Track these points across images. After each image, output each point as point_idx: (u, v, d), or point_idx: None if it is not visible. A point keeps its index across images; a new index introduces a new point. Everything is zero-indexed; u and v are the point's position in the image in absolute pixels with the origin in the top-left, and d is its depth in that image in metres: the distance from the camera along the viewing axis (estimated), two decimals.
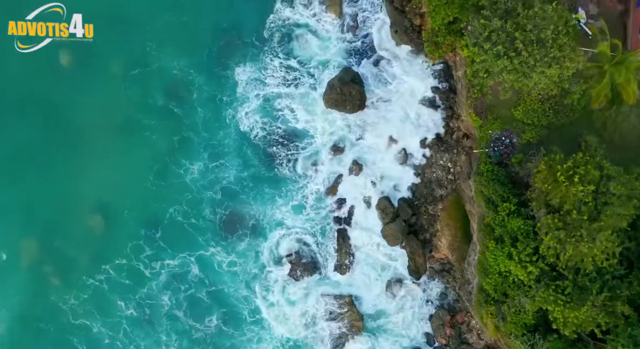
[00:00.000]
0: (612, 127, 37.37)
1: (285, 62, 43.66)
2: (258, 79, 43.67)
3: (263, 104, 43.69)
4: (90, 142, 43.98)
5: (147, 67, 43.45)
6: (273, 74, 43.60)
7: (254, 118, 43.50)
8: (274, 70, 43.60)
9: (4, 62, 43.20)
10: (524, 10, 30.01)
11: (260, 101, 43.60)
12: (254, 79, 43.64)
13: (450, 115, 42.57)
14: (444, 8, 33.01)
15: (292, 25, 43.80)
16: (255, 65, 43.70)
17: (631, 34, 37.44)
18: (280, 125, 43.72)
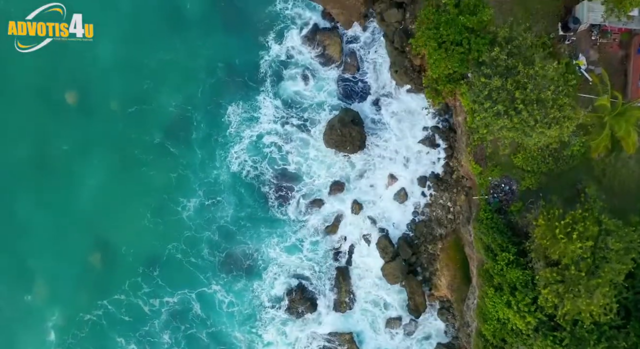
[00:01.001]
0: (611, 173, 38.02)
1: (281, 101, 44.28)
2: (252, 118, 44.37)
3: (257, 144, 44.38)
4: (89, 177, 44.56)
5: (145, 105, 44.12)
6: (267, 113, 44.34)
7: (248, 158, 44.19)
8: (268, 109, 44.34)
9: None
10: (524, 69, 30.56)
11: (254, 140, 44.34)
12: (248, 119, 44.34)
13: (450, 154, 43.14)
14: (444, 61, 33.50)
15: (289, 64, 44.29)
16: (249, 105, 44.37)
17: (631, 80, 38.05)
18: (276, 165, 44.39)
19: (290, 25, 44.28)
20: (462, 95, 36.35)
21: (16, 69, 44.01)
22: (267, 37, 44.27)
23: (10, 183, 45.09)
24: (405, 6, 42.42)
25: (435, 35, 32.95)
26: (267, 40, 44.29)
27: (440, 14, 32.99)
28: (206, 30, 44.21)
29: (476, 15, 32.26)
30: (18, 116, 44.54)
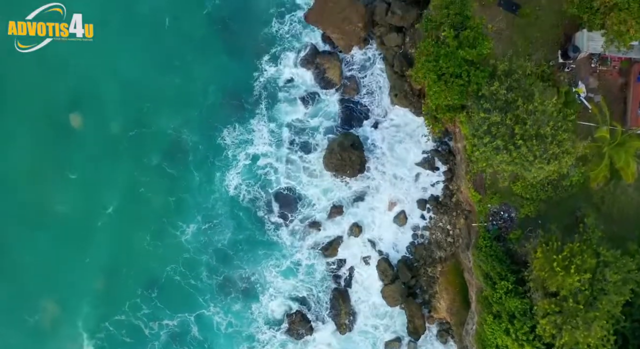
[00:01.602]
0: (610, 201, 38.40)
1: (279, 124, 44.73)
2: (248, 141, 44.89)
3: (254, 167, 44.94)
4: (90, 199, 44.91)
5: (144, 128, 44.49)
6: (265, 136, 44.88)
7: (243, 181, 44.75)
8: (266, 133, 44.86)
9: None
10: (523, 104, 30.89)
11: (251, 163, 44.94)
12: (244, 141, 44.86)
13: (449, 177, 43.56)
14: (444, 93, 33.82)
15: (289, 87, 44.73)
16: (246, 127, 44.93)
17: (631, 108, 38.35)
18: (273, 189, 44.89)
19: (289, 48, 44.72)
20: (462, 123, 36.72)
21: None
22: (265, 60, 44.71)
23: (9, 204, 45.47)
24: (405, 30, 42.78)
25: (434, 68, 33.26)
26: (266, 63, 44.71)
27: (440, 47, 33.27)
28: (205, 53, 44.64)
29: (476, 48, 32.54)
30: (20, 134, 44.78)
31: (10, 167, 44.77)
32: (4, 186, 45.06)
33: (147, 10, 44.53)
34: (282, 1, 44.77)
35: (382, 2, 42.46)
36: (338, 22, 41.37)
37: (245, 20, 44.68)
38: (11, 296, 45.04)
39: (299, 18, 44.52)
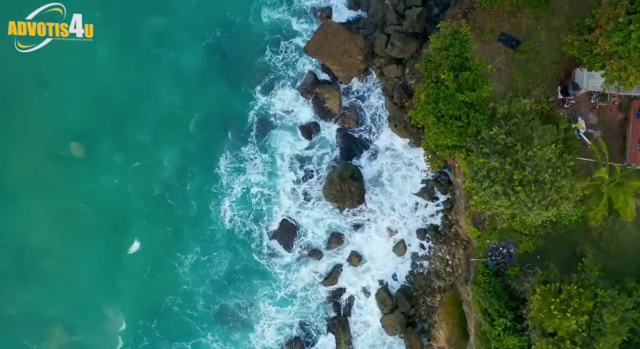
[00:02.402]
0: (608, 236, 38.85)
1: (280, 154, 45.03)
2: (243, 170, 45.09)
3: (250, 197, 45.50)
4: (92, 231, 45.21)
5: (146, 160, 44.85)
6: (264, 166, 45.13)
7: (239, 211, 45.33)
8: (265, 162, 45.23)
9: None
10: (522, 149, 31.09)
11: (248, 193, 45.28)
12: (240, 171, 45.34)
13: (448, 208, 43.89)
14: (443, 135, 34.02)
15: (288, 116, 45.03)
16: (244, 157, 45.42)
17: (630, 144, 38.61)
18: (271, 218, 45.16)
19: (289, 77, 45.00)
20: (461, 159, 36.93)
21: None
22: (265, 89, 45.01)
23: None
24: (405, 62, 42.99)
25: (434, 110, 33.40)
26: (265, 92, 45.03)
27: (439, 89, 33.38)
28: (204, 83, 44.93)
29: (475, 91, 32.66)
30: (22, 166, 45.17)
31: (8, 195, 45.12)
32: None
33: (148, 43, 44.73)
34: (281, 30, 44.93)
35: (382, 34, 42.68)
36: (338, 55, 41.55)
37: (244, 50, 44.96)
38: (17, 326, 45.55)
39: (297, 46, 44.68)
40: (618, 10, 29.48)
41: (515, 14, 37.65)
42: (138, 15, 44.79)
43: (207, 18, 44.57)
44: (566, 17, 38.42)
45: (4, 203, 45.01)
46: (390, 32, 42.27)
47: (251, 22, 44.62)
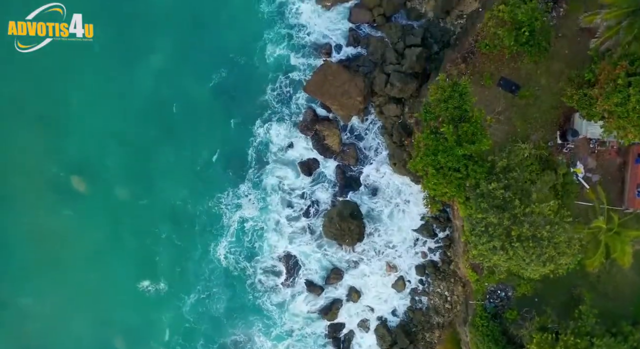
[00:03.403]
0: (606, 279, 39.29)
1: (280, 192, 45.24)
2: (243, 207, 45.41)
3: (246, 234, 45.59)
4: (98, 268, 45.69)
5: (151, 198, 45.27)
6: (263, 203, 45.39)
7: (237, 249, 45.39)
8: (264, 199, 45.38)
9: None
10: (521, 205, 31.33)
11: (247, 230, 45.40)
12: (239, 207, 45.34)
13: (447, 244, 44.20)
14: (442, 186, 34.22)
15: (289, 154, 45.21)
16: (245, 196, 45.34)
17: (629, 188, 38.83)
18: (274, 254, 45.42)
19: (289, 114, 45.07)
20: (460, 204, 37.16)
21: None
22: (266, 127, 45.15)
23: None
24: (404, 101, 43.06)
25: (432, 162, 33.62)
26: (266, 129, 45.16)
27: (438, 141, 33.54)
28: (209, 122, 45.14)
29: (474, 144, 32.83)
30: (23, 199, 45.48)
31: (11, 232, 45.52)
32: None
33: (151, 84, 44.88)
34: (283, 68, 44.99)
35: (381, 74, 42.75)
36: (337, 96, 41.67)
37: (248, 89, 45.06)
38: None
39: (298, 83, 44.81)
40: (617, 71, 29.60)
41: (515, 59, 37.74)
42: (141, 56, 45.08)
43: (210, 56, 44.71)
44: (566, 62, 38.64)
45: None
46: (390, 71, 42.34)
47: (254, 60, 44.83)
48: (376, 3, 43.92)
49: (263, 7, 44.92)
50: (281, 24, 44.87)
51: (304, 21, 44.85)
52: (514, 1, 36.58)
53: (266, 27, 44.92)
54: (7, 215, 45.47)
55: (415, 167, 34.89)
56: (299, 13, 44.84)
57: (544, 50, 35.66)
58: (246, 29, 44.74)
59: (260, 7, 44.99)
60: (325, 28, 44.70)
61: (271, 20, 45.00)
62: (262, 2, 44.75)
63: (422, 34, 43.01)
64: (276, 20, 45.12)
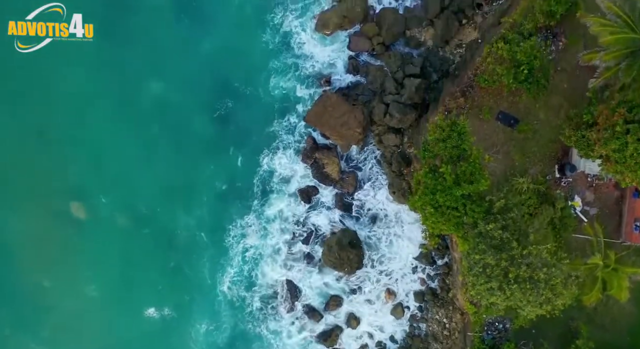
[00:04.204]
0: (603, 311, 39.58)
1: (282, 220, 45.28)
2: (245, 236, 45.41)
3: (249, 262, 45.54)
4: (105, 300, 45.70)
5: (156, 227, 45.31)
6: (263, 231, 45.39)
7: (240, 277, 45.50)
8: (264, 227, 45.40)
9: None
10: (518, 246, 31.58)
11: (249, 259, 45.44)
12: (242, 236, 45.36)
13: (446, 272, 44.42)
14: (440, 224, 34.41)
15: (288, 182, 45.23)
16: (248, 224, 45.37)
17: (626, 221, 38.98)
18: (271, 281, 45.57)
19: (290, 142, 45.08)
20: (459, 237, 37.35)
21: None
22: (267, 156, 45.12)
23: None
24: (403, 131, 43.15)
25: (431, 201, 33.81)
26: (267, 158, 45.13)
27: (437, 180, 33.69)
28: (211, 151, 45.14)
29: (473, 184, 32.95)
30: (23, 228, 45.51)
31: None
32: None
33: (155, 110, 45.00)
34: (286, 98, 44.98)
35: (381, 104, 42.86)
36: (337, 127, 41.79)
37: (253, 119, 45.01)
38: None
39: (300, 112, 44.83)
40: (616, 118, 29.67)
41: (513, 94, 37.77)
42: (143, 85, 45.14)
43: (215, 86, 44.76)
44: (565, 96, 38.72)
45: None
46: (389, 101, 42.47)
47: (259, 90, 44.83)
48: (375, 32, 44.00)
49: (267, 37, 44.87)
50: (285, 54, 44.88)
51: (305, 50, 44.79)
52: (512, 36, 36.82)
53: (270, 57, 44.97)
54: (11, 240, 45.53)
55: (414, 205, 35.14)
56: (300, 42, 44.82)
57: (542, 88, 35.73)
58: (251, 60, 44.82)
59: (263, 37, 44.92)
60: (326, 56, 44.71)
61: (275, 50, 45.04)
62: (265, 32, 44.62)
63: (422, 63, 43.13)
64: (280, 49, 45.16)
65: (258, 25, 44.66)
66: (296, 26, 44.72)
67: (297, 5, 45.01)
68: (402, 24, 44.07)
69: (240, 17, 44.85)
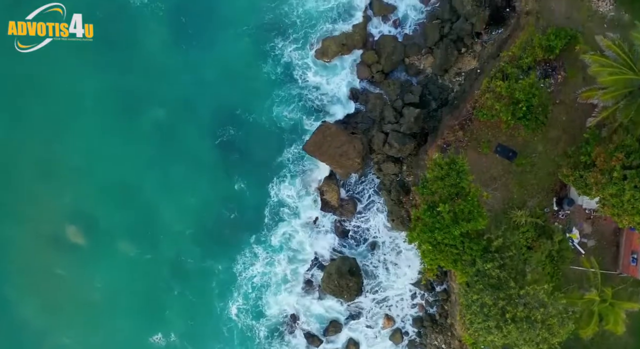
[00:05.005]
0: (599, 341, 39.86)
1: (284, 248, 45.31)
2: (249, 264, 45.35)
3: (253, 289, 45.57)
4: (110, 326, 45.83)
5: (161, 255, 45.33)
6: (264, 259, 45.34)
7: (245, 303, 45.47)
8: (265, 255, 45.33)
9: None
10: (515, 286, 31.76)
11: (252, 286, 45.45)
12: (247, 265, 45.30)
13: (445, 298, 44.66)
14: (438, 261, 34.60)
15: (288, 210, 45.12)
16: (252, 253, 45.35)
17: (623, 253, 39.22)
18: (274, 309, 45.50)
19: (291, 172, 45.02)
20: (457, 270, 37.52)
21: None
22: (270, 185, 44.93)
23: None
24: (402, 159, 43.20)
25: (429, 238, 33.95)
26: (271, 187, 45.01)
27: (435, 218, 33.78)
28: (216, 179, 45.09)
29: (470, 222, 33.07)
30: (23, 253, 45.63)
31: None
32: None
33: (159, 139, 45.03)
34: (289, 126, 44.87)
35: (380, 133, 42.98)
36: (336, 157, 41.86)
37: (254, 148, 44.94)
38: None
39: (302, 141, 44.65)
40: (614, 163, 29.75)
41: (512, 127, 37.79)
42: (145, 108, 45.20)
43: (219, 114, 44.73)
44: (563, 128, 38.90)
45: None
46: (388, 130, 42.57)
47: (263, 119, 44.74)
48: (375, 60, 44.03)
49: (268, 67, 44.63)
50: (287, 83, 44.68)
51: (306, 78, 44.64)
52: (511, 71, 36.91)
53: (272, 85, 44.82)
54: (10, 270, 45.61)
55: (412, 241, 35.28)
56: (301, 70, 44.61)
57: (541, 124, 35.77)
58: (253, 87, 44.64)
59: (265, 67, 44.68)
60: (325, 83, 44.63)
61: (277, 79, 44.85)
62: (266, 63, 44.35)
63: (421, 92, 43.18)
64: (281, 78, 44.95)
65: (259, 55, 44.46)
66: (296, 56, 44.47)
67: (297, 35, 44.79)
68: (401, 51, 44.16)
69: (241, 47, 44.63)
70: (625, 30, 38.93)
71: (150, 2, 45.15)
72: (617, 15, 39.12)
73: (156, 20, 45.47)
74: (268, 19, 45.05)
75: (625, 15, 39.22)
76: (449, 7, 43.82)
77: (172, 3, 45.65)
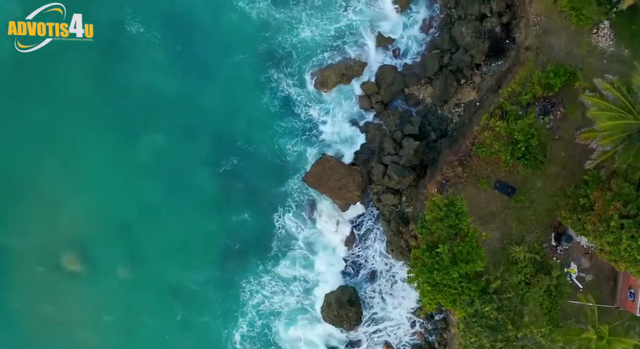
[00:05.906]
0: None
1: (285, 276, 45.43)
2: (254, 292, 45.41)
3: (258, 317, 45.77)
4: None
5: (162, 283, 45.37)
6: (267, 286, 45.46)
7: (250, 333, 45.73)
8: (268, 281, 45.44)
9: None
10: (513, 329, 32.05)
11: (255, 313, 45.66)
12: (253, 292, 45.39)
13: (444, 327, 44.93)
14: (436, 300, 34.84)
15: (289, 239, 45.27)
16: (256, 281, 45.43)
17: (621, 288, 39.45)
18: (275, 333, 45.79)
19: (295, 202, 45.05)
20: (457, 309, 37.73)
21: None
22: (274, 215, 44.97)
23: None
24: (402, 191, 43.27)
25: (428, 279, 34.18)
26: (273, 217, 45.02)
27: (434, 259, 33.98)
28: (219, 209, 45.08)
29: (469, 264, 33.26)
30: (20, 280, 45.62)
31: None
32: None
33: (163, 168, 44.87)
34: (294, 158, 44.82)
35: (379, 164, 43.05)
36: (335, 189, 42.04)
37: (258, 177, 44.87)
38: None
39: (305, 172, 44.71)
40: (611, 211, 29.86)
41: (511, 165, 37.84)
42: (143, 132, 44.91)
43: (222, 146, 44.63)
44: (562, 164, 39.02)
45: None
46: (388, 162, 42.69)
47: (265, 149, 44.65)
48: (374, 90, 44.05)
49: (267, 99, 44.49)
50: (289, 115, 44.59)
51: (306, 110, 44.64)
52: (510, 108, 36.93)
53: (272, 116, 44.71)
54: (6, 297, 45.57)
55: (411, 281, 35.54)
56: (300, 101, 44.58)
57: (540, 164, 35.84)
58: (253, 117, 44.57)
59: (265, 98, 44.57)
60: (326, 116, 44.56)
61: (277, 111, 44.71)
62: (264, 94, 44.18)
63: (420, 123, 43.22)
64: (281, 110, 44.77)
65: (256, 86, 44.29)
66: (295, 88, 44.36)
67: (294, 66, 44.54)
68: (401, 82, 44.16)
69: (238, 75, 44.39)
70: (625, 65, 39.25)
71: (147, 31, 44.76)
72: (616, 50, 39.23)
73: (152, 48, 44.88)
74: (264, 48, 44.68)
75: (625, 50, 39.31)
76: (448, 37, 43.87)
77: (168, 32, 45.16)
